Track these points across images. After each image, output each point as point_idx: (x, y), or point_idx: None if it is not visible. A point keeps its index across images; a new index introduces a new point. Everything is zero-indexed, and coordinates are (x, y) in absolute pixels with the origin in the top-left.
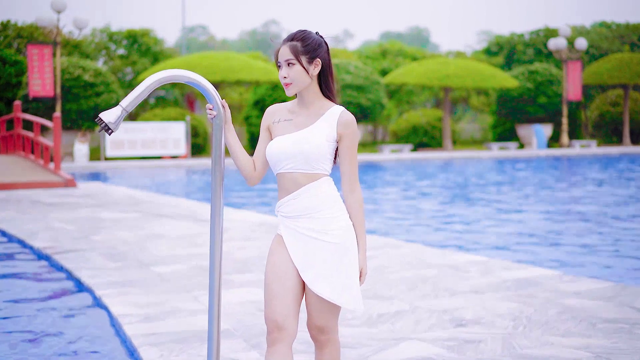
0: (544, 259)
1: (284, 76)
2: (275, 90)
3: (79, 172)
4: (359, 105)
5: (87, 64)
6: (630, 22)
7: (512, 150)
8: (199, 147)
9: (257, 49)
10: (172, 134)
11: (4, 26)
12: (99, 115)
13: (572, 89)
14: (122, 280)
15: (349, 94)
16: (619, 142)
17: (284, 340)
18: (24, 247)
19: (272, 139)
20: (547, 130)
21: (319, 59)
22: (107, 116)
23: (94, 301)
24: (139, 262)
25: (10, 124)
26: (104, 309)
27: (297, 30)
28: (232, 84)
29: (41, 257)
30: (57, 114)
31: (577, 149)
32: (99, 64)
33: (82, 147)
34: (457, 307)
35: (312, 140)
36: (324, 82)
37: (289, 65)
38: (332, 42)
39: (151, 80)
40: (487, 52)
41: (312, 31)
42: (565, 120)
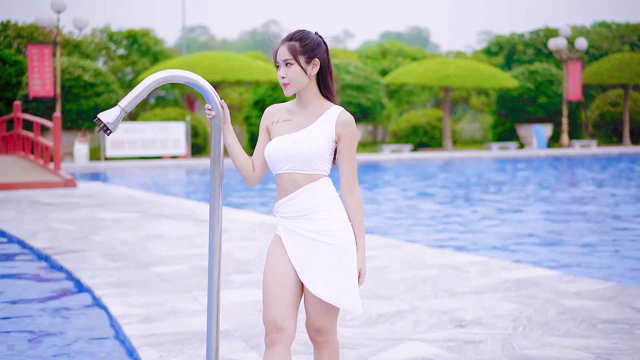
0: (544, 259)
1: (282, 76)
2: (275, 90)
3: (78, 172)
4: (359, 105)
5: (87, 64)
6: (630, 22)
7: (512, 150)
8: (199, 147)
9: (257, 49)
10: (172, 134)
11: (4, 26)
12: (98, 115)
13: (572, 89)
14: (121, 280)
15: (349, 94)
16: (619, 142)
17: (283, 341)
18: (23, 248)
19: (271, 140)
20: (547, 130)
21: (317, 59)
22: (106, 117)
23: (94, 301)
24: (139, 262)
25: (10, 124)
26: (104, 310)
27: (295, 30)
28: (232, 84)
29: (41, 257)
30: (57, 114)
31: (577, 149)
32: (99, 64)
33: (82, 147)
34: (457, 308)
35: (311, 140)
36: (323, 82)
37: (287, 65)
38: (332, 42)
39: (150, 80)
40: (487, 52)
41: (311, 31)
42: (565, 120)
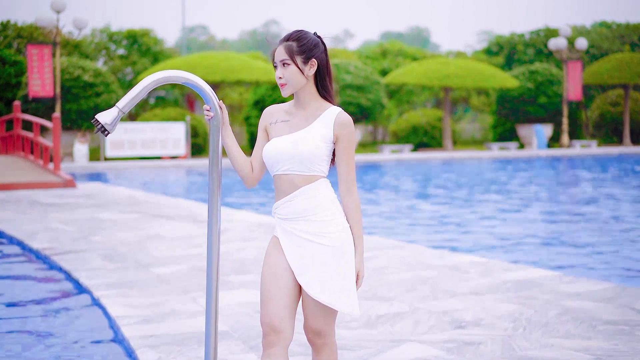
0: (544, 260)
1: (279, 76)
2: (275, 90)
3: (78, 172)
4: (359, 105)
5: (87, 64)
6: (630, 22)
7: (512, 150)
8: (198, 147)
9: (257, 49)
10: (172, 134)
11: (4, 26)
12: (95, 116)
13: (572, 89)
14: (120, 281)
15: (349, 94)
16: (619, 142)
17: (280, 343)
18: (23, 248)
19: (269, 140)
20: (547, 130)
21: (314, 60)
22: (103, 117)
23: (93, 302)
24: (138, 263)
25: (9, 124)
26: (103, 310)
27: (293, 30)
28: (232, 84)
29: (40, 258)
30: (56, 114)
31: (578, 149)
32: (99, 64)
33: (81, 148)
34: (456, 309)
35: (309, 141)
36: (321, 83)
37: (284, 65)
38: (332, 42)
39: (148, 81)
40: (488, 52)
41: (310, 31)
42: (565, 120)
